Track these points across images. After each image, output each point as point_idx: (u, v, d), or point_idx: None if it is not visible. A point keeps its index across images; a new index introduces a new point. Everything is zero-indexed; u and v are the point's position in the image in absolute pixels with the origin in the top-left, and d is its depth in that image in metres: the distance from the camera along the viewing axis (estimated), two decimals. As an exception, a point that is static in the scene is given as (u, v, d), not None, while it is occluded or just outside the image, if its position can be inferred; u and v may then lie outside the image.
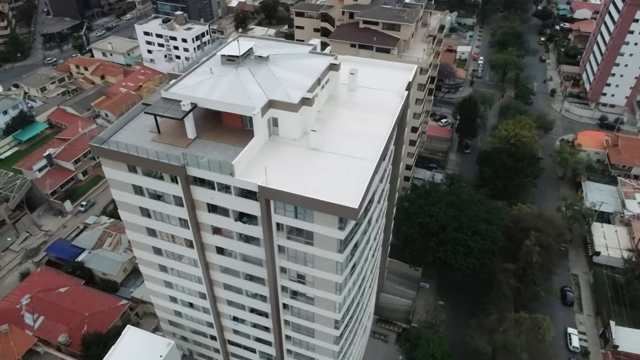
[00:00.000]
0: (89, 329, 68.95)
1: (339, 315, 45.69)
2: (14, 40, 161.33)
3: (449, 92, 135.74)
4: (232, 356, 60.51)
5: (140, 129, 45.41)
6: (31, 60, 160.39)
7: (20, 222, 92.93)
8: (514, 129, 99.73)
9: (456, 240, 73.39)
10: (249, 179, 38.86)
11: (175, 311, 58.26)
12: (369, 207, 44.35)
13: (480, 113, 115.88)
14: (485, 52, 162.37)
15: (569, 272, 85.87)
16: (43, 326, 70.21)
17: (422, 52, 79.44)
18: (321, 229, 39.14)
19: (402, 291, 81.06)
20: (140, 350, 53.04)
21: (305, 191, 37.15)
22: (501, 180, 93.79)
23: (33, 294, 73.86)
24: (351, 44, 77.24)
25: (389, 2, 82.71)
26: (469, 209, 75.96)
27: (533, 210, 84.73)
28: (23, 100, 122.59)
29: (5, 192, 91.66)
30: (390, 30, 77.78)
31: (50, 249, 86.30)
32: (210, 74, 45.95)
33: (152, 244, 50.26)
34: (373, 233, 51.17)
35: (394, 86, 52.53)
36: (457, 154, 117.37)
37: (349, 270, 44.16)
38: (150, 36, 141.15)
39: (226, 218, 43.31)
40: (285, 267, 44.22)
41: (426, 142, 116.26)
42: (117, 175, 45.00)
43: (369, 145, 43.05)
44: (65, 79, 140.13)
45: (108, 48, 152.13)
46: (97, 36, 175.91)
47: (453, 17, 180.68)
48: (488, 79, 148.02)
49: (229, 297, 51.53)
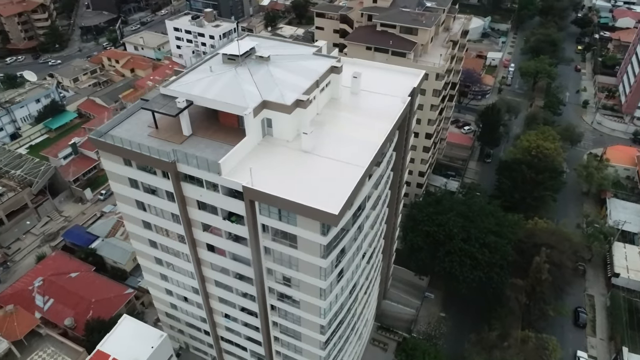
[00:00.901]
0: (94, 315, 70.85)
1: (324, 320, 45.20)
2: (53, 32, 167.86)
3: (474, 99, 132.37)
4: (225, 353, 60.97)
5: (140, 124, 46.31)
6: (68, 52, 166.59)
7: (42, 206, 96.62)
8: (536, 140, 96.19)
9: (463, 251, 71.38)
10: (235, 179, 38.92)
11: (171, 304, 59.21)
12: (359, 214, 43.63)
13: (504, 122, 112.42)
14: (517, 59, 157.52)
15: (584, 293, 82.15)
16: (52, 308, 72.74)
17: (444, 56, 77.61)
18: (304, 233, 38.79)
19: (406, 300, 79.72)
20: (134, 340, 54.12)
21: (288, 194, 36.90)
22: (519, 192, 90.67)
23: (46, 276, 76.60)
24: (367, 46, 76.37)
25: (409, 6, 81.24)
26: (478, 220, 73.76)
27: (549, 225, 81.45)
28: (55, 90, 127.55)
29: (29, 177, 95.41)
30: (407, 34, 76.42)
31: (67, 234, 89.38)
32: (210, 72, 46.37)
33: (148, 236, 51.21)
34: (367, 239, 50.38)
35: (399, 91, 51.57)
36: (477, 163, 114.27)
37: (336, 276, 43.64)
38: (179, 32, 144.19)
39: (215, 216, 43.60)
40: (272, 268, 44.12)
41: (445, 149, 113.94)
42: (114, 168, 46.04)
43: (363, 151, 42.33)
44: (97, 70, 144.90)
45: (140, 42, 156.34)
46: (131, 30, 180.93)
47: (486, 22, 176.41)
48: (517, 87, 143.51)
49: (220, 294, 51.90)
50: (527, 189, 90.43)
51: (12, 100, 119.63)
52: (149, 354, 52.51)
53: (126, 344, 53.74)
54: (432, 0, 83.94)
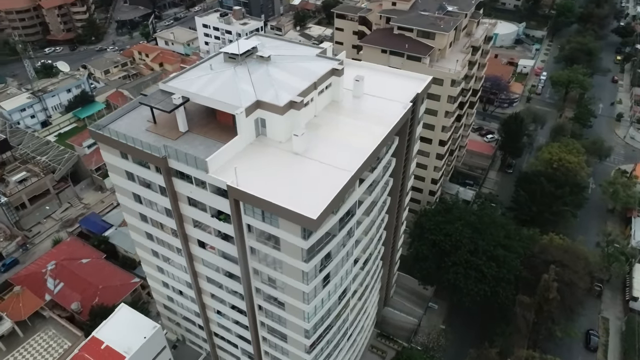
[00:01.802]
0: (100, 301, 72.77)
1: (308, 324, 44.78)
2: (90, 25, 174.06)
3: (499, 107, 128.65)
4: (219, 348, 61.45)
5: (140, 118, 47.06)
6: (103, 44, 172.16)
7: (63, 193, 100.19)
8: (559, 153, 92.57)
9: (469, 263, 69.41)
10: (222, 177, 39.00)
11: (168, 296, 60.17)
12: (348, 219, 42.98)
13: (528, 131, 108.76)
14: (550, 67, 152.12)
15: (599, 315, 78.40)
16: (61, 292, 75.26)
17: (460, 62, 75.66)
18: (286, 236, 38.52)
19: (409, 308, 78.36)
20: (128, 329, 55.25)
21: (270, 195, 36.70)
22: (536, 205, 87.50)
23: (58, 261, 79.33)
24: (382, 49, 75.29)
25: (429, 9, 79.56)
26: (488, 232, 71.51)
27: (565, 242, 78.08)
28: (86, 81, 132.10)
29: (53, 164, 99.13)
30: (424, 38, 74.85)
31: (83, 221, 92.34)
32: (210, 70, 46.73)
33: (145, 229, 52.14)
34: (361, 245, 49.68)
35: (403, 96, 50.55)
36: (498, 173, 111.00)
37: (321, 281, 43.15)
38: (208, 29, 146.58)
39: (204, 213, 43.92)
40: (257, 269, 44.07)
41: (465, 157, 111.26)
42: (112, 160, 47.07)
43: (354, 155, 41.60)
44: (128, 63, 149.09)
45: (170, 37, 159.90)
46: (165, 25, 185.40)
47: (520, 28, 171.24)
48: (548, 96, 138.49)
49: (211, 291, 52.31)
50: (545, 203, 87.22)
51: (44, 89, 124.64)
52: (140, 344, 53.49)
53: (121, 333, 54.91)
54: (453, 5, 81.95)
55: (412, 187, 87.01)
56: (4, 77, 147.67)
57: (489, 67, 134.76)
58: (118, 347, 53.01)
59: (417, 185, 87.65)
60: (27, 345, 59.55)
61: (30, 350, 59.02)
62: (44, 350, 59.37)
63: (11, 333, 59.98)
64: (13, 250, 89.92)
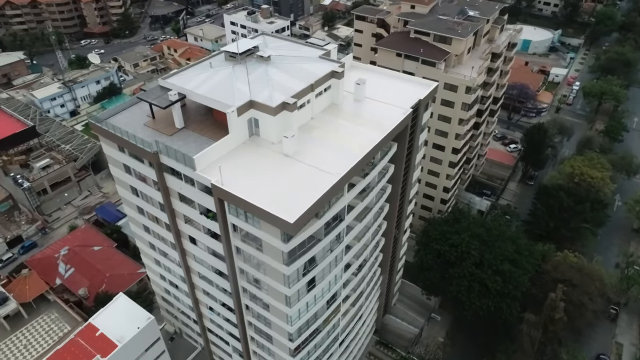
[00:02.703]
0: (106, 289, 74.72)
1: (291, 328, 44.40)
2: (125, 19, 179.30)
3: (525, 116, 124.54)
4: (212, 344, 61.94)
5: (141, 113, 47.82)
6: (136, 38, 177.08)
7: (84, 181, 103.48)
8: (582, 167, 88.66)
9: (473, 276, 67.36)
10: (209, 176, 39.10)
11: (165, 289, 61.09)
12: (335, 224, 42.36)
13: (552, 143, 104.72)
14: (584, 77, 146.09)
15: (612, 340, 74.57)
16: (71, 277, 77.72)
17: (476, 69, 73.57)
18: (267, 237, 38.30)
19: (412, 318, 76.88)
20: (123, 318, 56.20)
21: (251, 196, 36.56)
22: (554, 221, 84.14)
23: (71, 246, 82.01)
24: (397, 53, 74.05)
25: (449, 14, 77.63)
26: (496, 245, 69.17)
27: (579, 260, 74.67)
28: (115, 73, 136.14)
29: (76, 152, 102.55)
30: (441, 42, 73.08)
31: (99, 209, 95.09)
32: (209, 68, 47.03)
33: (142, 221, 53.08)
34: (352, 251, 48.93)
35: (406, 102, 49.45)
36: (518, 184, 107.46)
37: (305, 285, 42.71)
38: (235, 26, 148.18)
39: (193, 210, 44.22)
40: (243, 268, 44.05)
41: (485, 166, 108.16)
42: (111, 153, 48.10)
43: (344, 160, 40.93)
44: (157, 58, 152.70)
45: (199, 34, 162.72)
46: (197, 22, 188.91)
47: (556, 35, 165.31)
48: (579, 107, 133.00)
49: (203, 287, 52.71)
50: (563, 219, 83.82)
51: (75, 79, 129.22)
52: (133, 334, 54.32)
53: (116, 321, 55.95)
54: (475, 10, 79.72)
55: (423, 194, 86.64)
56: (40, 66, 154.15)
57: (517, 74, 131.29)
58: (112, 335, 54.07)
59: (429, 193, 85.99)
60: (30, 326, 61.73)
61: (32, 332, 61.15)
62: (45, 332, 61.39)
63: (16, 314, 62.30)
64: (32, 233, 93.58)
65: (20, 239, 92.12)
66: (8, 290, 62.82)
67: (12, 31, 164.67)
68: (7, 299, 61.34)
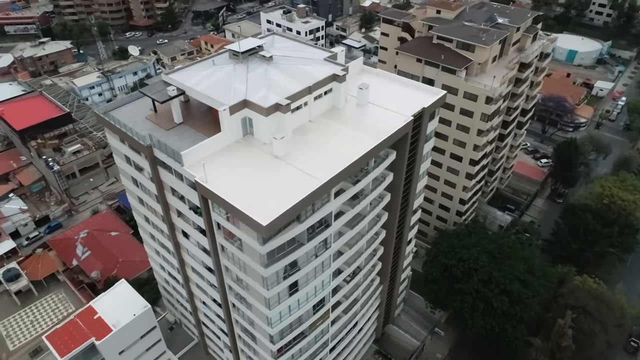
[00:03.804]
0: (117, 273, 77.28)
1: (272, 330, 44.16)
2: (169, 14, 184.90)
3: (561, 130, 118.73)
4: (207, 337, 62.72)
5: (145, 106, 48.90)
6: (177, 33, 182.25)
7: (111, 167, 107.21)
8: (612, 188, 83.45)
9: (479, 294, 64.79)
10: (194, 172, 39.46)
11: (164, 279, 62.38)
12: (320, 229, 41.75)
13: (585, 160, 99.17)
14: (632, 92, 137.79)
15: (630, 374, 69.95)
16: (87, 259, 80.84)
17: (499, 78, 70.70)
18: (246, 238, 38.24)
19: (415, 330, 74.96)
20: (122, 304, 57.88)
21: (231, 195, 36.56)
22: (577, 243, 79.78)
23: (90, 230, 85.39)
24: (417, 58, 72.22)
25: (475, 20, 74.88)
26: (506, 263, 66.20)
27: (599, 287, 70.34)
28: (152, 65, 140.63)
29: (106, 140, 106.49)
30: (464, 50, 70.60)
31: (122, 196, 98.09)
32: (212, 66, 47.51)
33: (143, 212, 54.39)
34: (343, 258, 48.13)
35: (410, 110, 48.10)
36: (546, 201, 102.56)
37: (287, 288, 42.37)
38: (271, 24, 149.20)
39: (183, 204, 44.79)
40: (227, 266, 44.23)
41: (511, 180, 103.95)
42: (114, 144, 49.53)
43: (334, 165, 40.23)
44: (194, 52, 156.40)
45: (237, 30, 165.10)
46: (237, 19, 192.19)
47: (605, 46, 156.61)
48: (622, 124, 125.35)
49: (196, 281, 53.41)
50: (588, 241, 79.31)
51: (113, 70, 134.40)
52: (128, 321, 55.80)
53: (115, 307, 57.68)
54: (506, 17, 76.56)
55: (439, 204, 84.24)
56: (86, 55, 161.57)
57: (556, 86, 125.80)
58: (108, 320, 55.75)
59: (444, 204, 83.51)
60: (38, 303, 64.78)
61: (40, 309, 64.13)
62: (51, 310, 64.23)
63: (28, 290, 65.46)
64: (59, 214, 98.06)
65: (47, 218, 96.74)
66: (22, 268, 66.09)
67: (63, 21, 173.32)
68: (19, 276, 64.61)
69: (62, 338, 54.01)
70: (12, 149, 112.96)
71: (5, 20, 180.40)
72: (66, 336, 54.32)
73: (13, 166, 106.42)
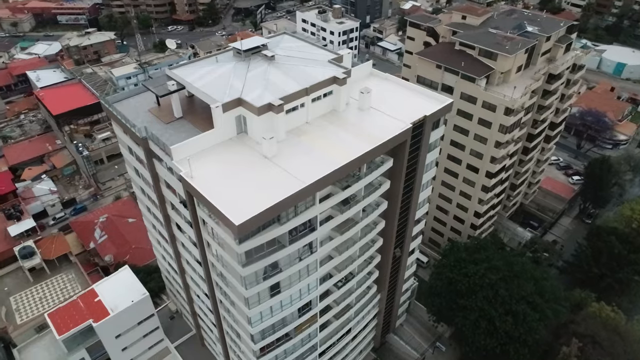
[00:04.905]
0: (129, 259, 79.76)
1: (253, 329, 44.10)
2: (211, 9, 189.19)
3: (597, 147, 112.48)
4: (202, 329, 63.57)
5: (152, 99, 50.01)
6: (216, 28, 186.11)
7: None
8: (643, 212, 78.38)
9: (482, 312, 62.37)
10: (181, 167, 39.89)
11: (166, 268, 63.69)
12: (303, 232, 41.28)
13: (619, 180, 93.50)
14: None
15: (644, 412, 65.12)
16: (103, 243, 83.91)
17: (521, 89, 67.73)
18: (225, 236, 38.29)
19: (417, 342, 73.22)
20: (122, 290, 59.67)
21: (213, 193, 36.71)
22: (600, 267, 75.56)
23: (110, 215, 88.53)
24: (437, 64, 70.24)
25: (502, 27, 71.88)
26: (514, 283, 63.33)
27: (617, 316, 66.18)
28: (188, 59, 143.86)
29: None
30: (486, 58, 67.97)
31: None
32: (214, 63, 47.92)
33: (145, 202, 55.68)
34: (332, 263, 47.46)
35: (412, 116, 46.81)
36: (573, 221, 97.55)
37: (267, 289, 42.20)
38: (306, 24, 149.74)
39: (175, 198, 45.43)
40: (212, 262, 44.56)
41: (537, 195, 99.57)
42: (119, 134, 50.93)
43: (322, 169, 39.66)
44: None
45: (273, 28, 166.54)
46: (276, 16, 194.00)
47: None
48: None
49: (190, 273, 54.17)
50: (611, 266, 75.05)
51: (150, 62, 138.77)
52: (125, 306, 57.44)
53: (115, 291, 59.53)
54: (536, 25, 73.18)
55: (454, 216, 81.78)
56: (128, 47, 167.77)
57: (597, 99, 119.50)
58: (107, 303, 57.58)
59: (459, 215, 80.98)
60: (49, 282, 67.74)
61: (50, 287, 67.05)
62: (59, 289, 67.02)
63: (41, 269, 68.59)
64: (85, 198, 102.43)
65: (74, 201, 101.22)
66: (37, 246, 69.31)
67: (109, 13, 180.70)
68: (34, 254, 67.80)
69: (63, 317, 56.18)
70: (50, 132, 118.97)
71: (58, 10, 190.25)
72: (67, 315, 56.47)
73: (48, 149, 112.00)
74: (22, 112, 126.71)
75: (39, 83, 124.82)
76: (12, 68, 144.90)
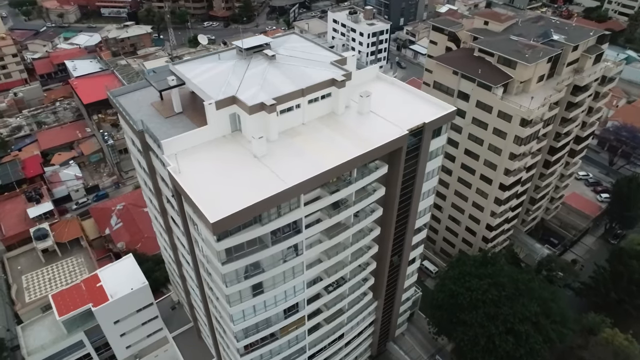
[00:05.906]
0: (140, 248, 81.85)
1: (235, 327, 44.24)
2: (246, 7, 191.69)
3: (631, 163, 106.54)
4: (199, 322, 64.38)
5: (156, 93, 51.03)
6: (251, 25, 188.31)
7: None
8: (670, 236, 73.49)
9: (482, 328, 60.24)
10: (170, 161, 40.41)
11: (167, 259, 64.88)
12: (288, 234, 41.00)
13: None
14: None
15: None
16: (117, 230, 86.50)
17: (540, 100, 64.95)
18: (206, 233, 38.52)
19: (417, 354, 71.69)
20: (123, 277, 61.11)
21: (196, 189, 37.01)
22: (617, 292, 71.71)
23: (126, 203, 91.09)
24: (453, 70, 68.29)
25: (526, 34, 69.04)
26: (519, 301, 60.81)
27: (630, 346, 62.50)
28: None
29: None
30: (505, 66, 65.52)
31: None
32: (216, 60, 48.36)
33: (146, 193, 56.90)
34: (321, 267, 46.98)
35: (411, 123, 45.74)
36: (597, 240, 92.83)
37: (249, 289, 42.23)
38: (337, 24, 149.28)
39: (168, 191, 46.08)
40: (199, 257, 44.96)
41: (560, 211, 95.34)
42: (124, 126, 52.16)
43: (308, 171, 39.29)
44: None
45: (305, 27, 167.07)
46: (311, 16, 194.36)
47: None
48: None
49: (185, 266, 54.93)
50: (630, 291, 71.19)
51: (181, 56, 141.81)
52: (124, 294, 58.80)
53: (117, 278, 61.02)
54: (563, 33, 69.94)
55: (466, 227, 79.45)
56: (164, 41, 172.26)
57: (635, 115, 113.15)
58: (108, 289, 59.11)
59: (471, 227, 78.57)
60: (59, 264, 70.40)
61: (60, 269, 69.68)
62: (68, 272, 69.55)
63: (53, 251, 71.39)
64: (108, 185, 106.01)
65: (97, 187, 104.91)
66: (51, 229, 72.16)
67: (148, 7, 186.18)
68: (47, 236, 70.61)
69: (65, 299, 58.14)
70: (81, 120, 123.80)
71: (102, 3, 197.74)
72: (69, 298, 58.39)
73: (78, 136, 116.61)
74: (58, 99, 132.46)
75: (75, 72, 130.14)
76: (53, 57, 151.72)
